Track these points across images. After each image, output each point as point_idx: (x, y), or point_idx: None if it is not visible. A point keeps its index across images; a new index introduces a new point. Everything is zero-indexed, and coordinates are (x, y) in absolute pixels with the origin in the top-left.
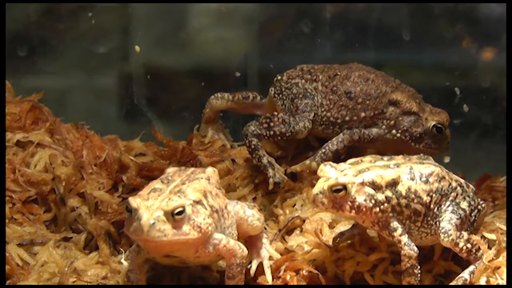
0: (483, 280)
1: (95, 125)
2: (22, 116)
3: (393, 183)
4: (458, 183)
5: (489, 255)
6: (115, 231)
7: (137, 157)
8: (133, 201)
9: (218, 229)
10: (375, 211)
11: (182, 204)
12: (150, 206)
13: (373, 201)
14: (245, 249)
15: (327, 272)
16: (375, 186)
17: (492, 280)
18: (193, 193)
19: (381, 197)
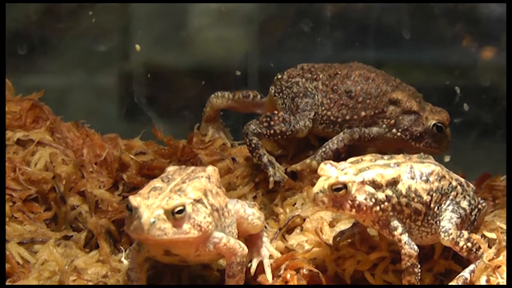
0: (484, 279)
1: (96, 124)
2: (22, 114)
3: (393, 182)
4: (458, 182)
5: (489, 254)
6: (115, 229)
7: (138, 156)
8: (134, 200)
9: (218, 228)
10: (376, 210)
11: (182, 202)
12: (150, 204)
13: (373, 200)
14: (246, 248)
15: (328, 271)
16: (375, 185)
17: (492, 279)
18: (194, 192)
19: (381, 196)
